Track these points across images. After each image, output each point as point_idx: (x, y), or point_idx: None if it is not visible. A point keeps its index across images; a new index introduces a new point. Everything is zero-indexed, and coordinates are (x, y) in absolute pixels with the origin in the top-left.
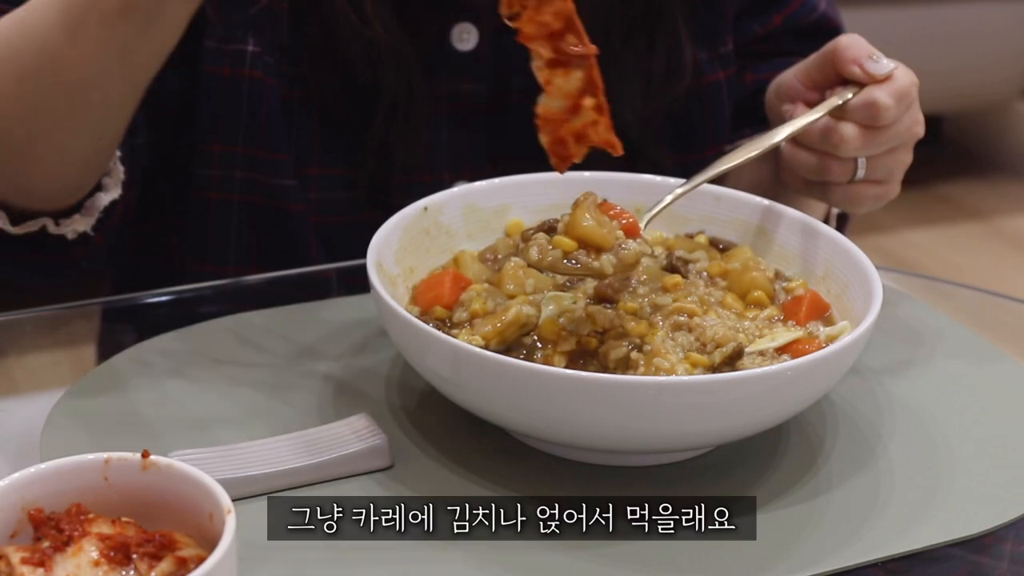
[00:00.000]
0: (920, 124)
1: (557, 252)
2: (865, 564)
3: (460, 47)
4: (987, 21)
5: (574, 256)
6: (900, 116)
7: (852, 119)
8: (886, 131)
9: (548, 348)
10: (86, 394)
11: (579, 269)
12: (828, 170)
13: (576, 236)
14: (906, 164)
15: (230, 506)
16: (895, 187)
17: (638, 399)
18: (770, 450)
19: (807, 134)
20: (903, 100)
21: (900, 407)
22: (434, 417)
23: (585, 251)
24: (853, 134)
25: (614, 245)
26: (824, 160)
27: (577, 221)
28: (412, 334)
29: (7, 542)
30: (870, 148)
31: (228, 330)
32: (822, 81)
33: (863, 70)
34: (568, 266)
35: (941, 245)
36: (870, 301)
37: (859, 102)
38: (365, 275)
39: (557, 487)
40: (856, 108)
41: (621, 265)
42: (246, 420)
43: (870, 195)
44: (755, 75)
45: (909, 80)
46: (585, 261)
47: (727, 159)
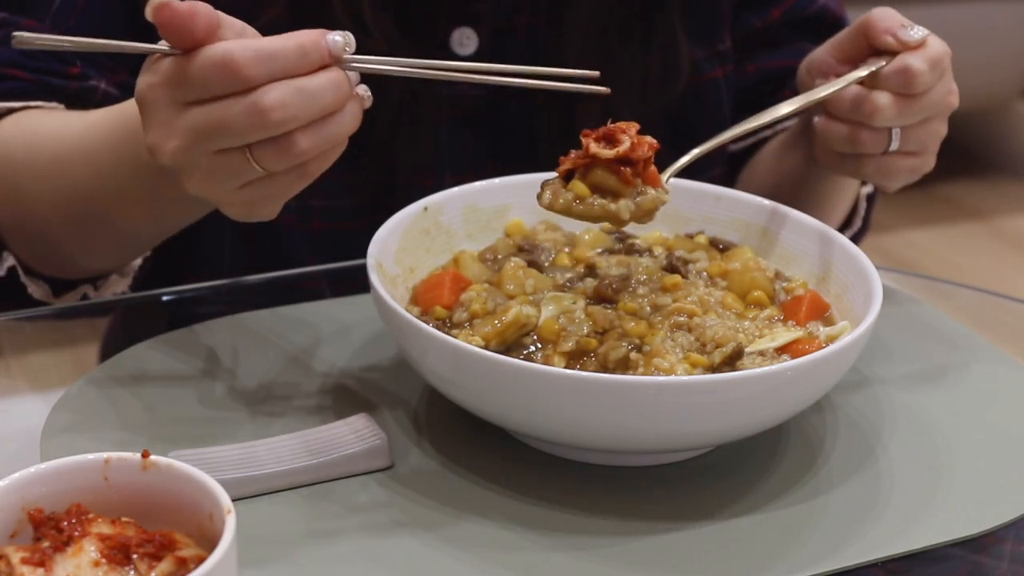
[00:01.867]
0: (954, 94)
1: (569, 195)
2: (865, 564)
3: (460, 51)
4: (987, 21)
5: (591, 200)
6: (934, 84)
7: (886, 87)
8: (920, 99)
9: (548, 348)
10: (86, 394)
11: (595, 211)
12: (861, 141)
13: (591, 182)
14: (941, 135)
15: (230, 506)
16: (930, 159)
17: (638, 399)
18: (770, 450)
19: (839, 104)
20: (936, 67)
21: (900, 407)
22: (434, 417)
23: (601, 195)
24: (887, 102)
25: (631, 192)
26: (857, 131)
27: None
28: (412, 334)
29: (7, 542)
30: (904, 117)
31: (228, 330)
32: (855, 54)
33: (896, 38)
34: (581, 208)
35: (941, 245)
36: (870, 301)
37: (892, 69)
38: (365, 276)
39: (557, 487)
40: (890, 75)
41: (639, 211)
42: (246, 420)
43: (904, 167)
44: (757, 65)
45: (942, 48)
46: (601, 203)
47: (753, 118)
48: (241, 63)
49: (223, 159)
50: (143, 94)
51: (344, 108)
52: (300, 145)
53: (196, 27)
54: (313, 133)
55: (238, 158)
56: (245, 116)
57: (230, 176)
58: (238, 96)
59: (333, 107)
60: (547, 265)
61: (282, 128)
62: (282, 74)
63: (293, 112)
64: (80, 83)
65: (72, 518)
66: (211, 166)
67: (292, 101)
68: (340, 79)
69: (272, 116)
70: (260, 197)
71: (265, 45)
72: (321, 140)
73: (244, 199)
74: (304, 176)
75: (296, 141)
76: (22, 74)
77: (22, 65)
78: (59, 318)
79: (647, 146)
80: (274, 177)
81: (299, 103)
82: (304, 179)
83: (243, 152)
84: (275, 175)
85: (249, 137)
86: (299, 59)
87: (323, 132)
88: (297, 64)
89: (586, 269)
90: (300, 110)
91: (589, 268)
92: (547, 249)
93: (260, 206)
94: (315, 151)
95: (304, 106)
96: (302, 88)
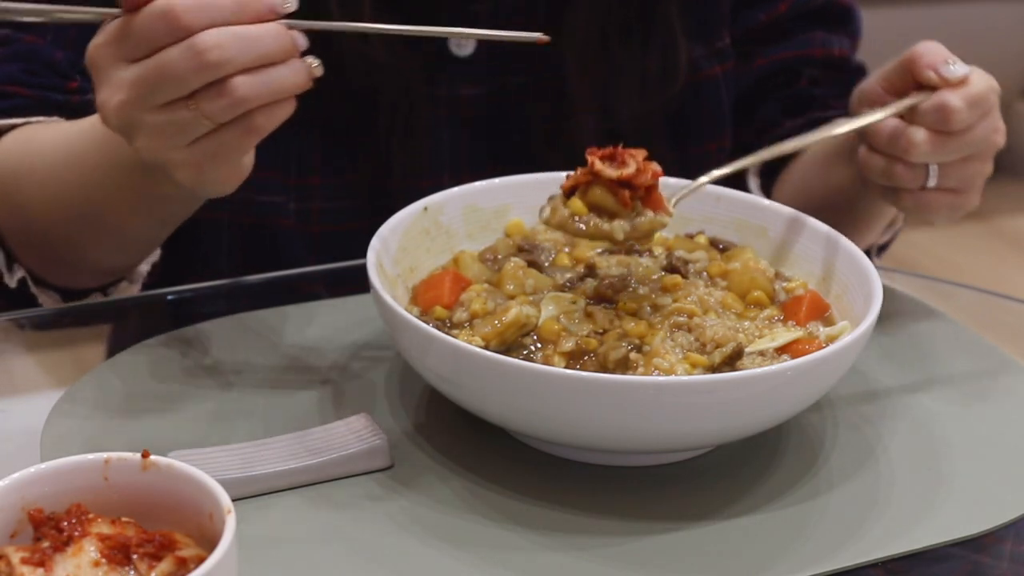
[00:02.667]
0: (1000, 132)
1: (566, 211)
2: (865, 564)
3: (458, 53)
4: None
5: (586, 218)
6: (973, 122)
7: (922, 123)
8: (958, 137)
9: (548, 348)
10: (86, 394)
11: (587, 231)
12: (897, 175)
13: (590, 200)
14: (985, 174)
15: (230, 506)
16: (972, 197)
17: (638, 399)
18: (770, 450)
19: (877, 137)
20: (977, 106)
21: (900, 407)
22: (434, 417)
23: (597, 215)
24: (922, 138)
25: (628, 213)
26: (893, 164)
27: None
28: (412, 334)
29: (7, 542)
30: (940, 154)
31: (228, 330)
32: (901, 87)
33: (937, 73)
34: (576, 226)
35: (941, 245)
36: (870, 301)
37: (930, 105)
38: (365, 276)
39: (557, 487)
40: (926, 112)
41: (635, 232)
42: (246, 420)
43: (943, 204)
44: (767, 58)
45: (987, 86)
46: (596, 223)
47: (777, 147)
48: (179, 11)
49: (168, 113)
50: (91, 55)
51: (288, 62)
52: (240, 90)
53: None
54: (253, 79)
55: (182, 110)
56: (183, 60)
57: (176, 131)
58: (176, 45)
59: (273, 55)
60: (547, 265)
61: (221, 71)
62: (221, 22)
63: (231, 53)
64: (80, 96)
65: (72, 518)
66: (156, 122)
67: (229, 43)
68: (280, 30)
69: (209, 56)
70: (209, 156)
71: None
72: (262, 87)
73: (193, 158)
74: (250, 131)
75: (236, 85)
76: (23, 91)
77: (23, 82)
78: (59, 318)
79: (651, 173)
80: (220, 131)
81: (236, 44)
82: (251, 134)
83: (186, 103)
84: (221, 129)
85: (190, 82)
86: (238, 8)
87: (264, 79)
88: (235, 14)
89: (586, 269)
90: (238, 51)
91: (589, 268)
92: (547, 249)
93: (210, 167)
94: (257, 99)
95: (242, 48)
96: (239, 32)
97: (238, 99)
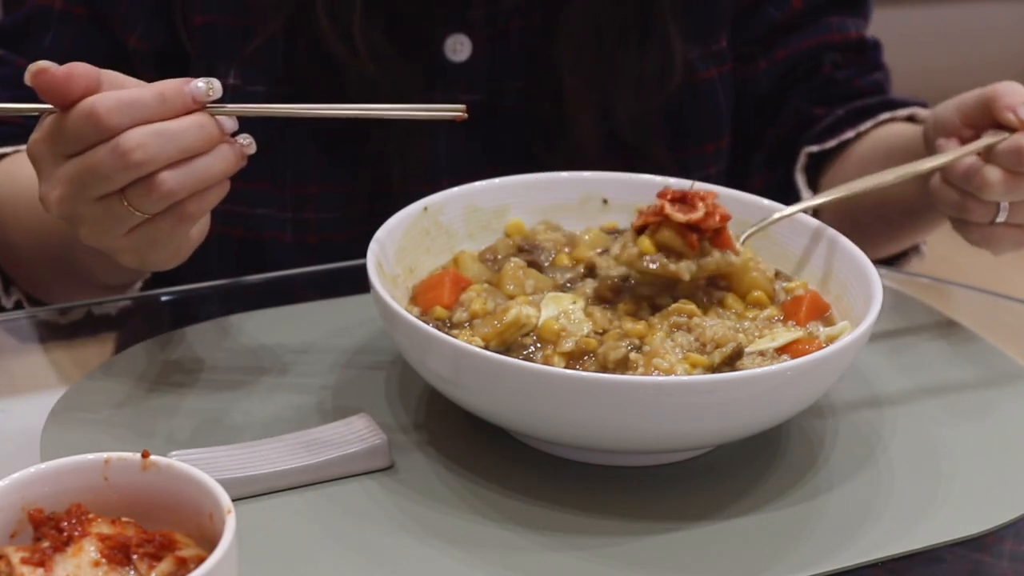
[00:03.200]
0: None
1: (635, 249)
2: (865, 564)
3: (454, 59)
4: (987, 21)
5: (654, 258)
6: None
7: (998, 163)
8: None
9: (548, 348)
10: (86, 394)
11: (655, 270)
12: (969, 210)
13: (658, 240)
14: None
15: (230, 506)
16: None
17: (638, 399)
18: (770, 450)
19: (952, 172)
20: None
21: (900, 407)
22: (434, 417)
23: (666, 254)
24: (997, 178)
25: (695, 254)
26: (966, 199)
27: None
28: (412, 334)
29: (7, 542)
30: (1013, 194)
31: (228, 330)
32: (979, 122)
33: (1016, 115)
34: (644, 265)
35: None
36: (870, 301)
37: (1007, 147)
38: (365, 276)
39: (557, 487)
40: (1003, 153)
41: (702, 272)
42: (246, 420)
43: (1010, 238)
44: (787, 50)
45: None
46: (664, 263)
47: (858, 183)
48: (103, 112)
49: (103, 206)
50: (31, 150)
51: (214, 150)
52: (166, 184)
53: (72, 89)
54: (179, 172)
55: (115, 203)
56: (109, 160)
57: (113, 222)
58: (103, 144)
59: (198, 148)
60: (547, 265)
61: (145, 168)
62: (143, 120)
63: (153, 151)
64: None
65: (72, 518)
66: (94, 214)
67: (151, 141)
68: (204, 121)
69: (133, 156)
70: (146, 242)
71: (125, 95)
72: (188, 179)
73: (132, 245)
74: (183, 218)
75: (162, 180)
76: (13, 118)
77: None
78: (59, 318)
79: (720, 216)
80: (155, 221)
81: (159, 143)
82: (184, 221)
83: (119, 197)
84: (155, 219)
85: (117, 180)
86: (159, 105)
87: (189, 171)
88: (158, 110)
89: (586, 269)
90: (160, 149)
91: (589, 268)
92: (547, 249)
93: (149, 252)
94: (184, 191)
95: (164, 145)
96: (162, 130)
97: (166, 193)
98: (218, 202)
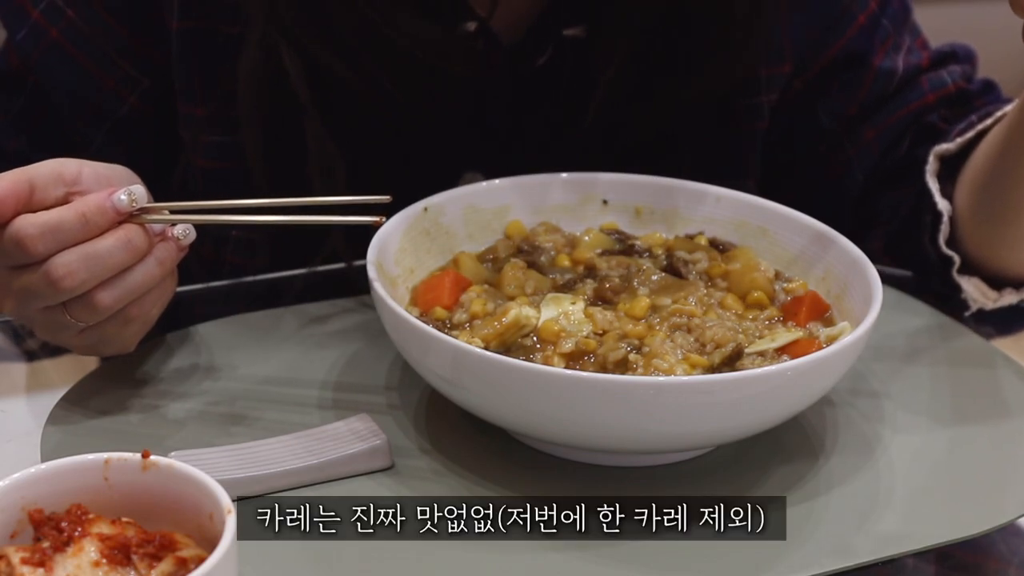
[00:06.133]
0: None
1: None
2: (865, 564)
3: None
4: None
5: None
6: None
7: None
8: None
9: (547, 349)
10: (86, 394)
11: None
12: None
13: None
14: None
15: (230, 506)
16: None
17: (638, 399)
18: (770, 450)
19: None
20: None
21: (900, 407)
22: (434, 417)
23: None
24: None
25: None
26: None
27: None
28: (412, 335)
29: (7, 542)
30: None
31: (228, 331)
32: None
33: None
34: None
35: None
36: (870, 302)
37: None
38: (365, 276)
39: (557, 487)
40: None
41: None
42: (246, 420)
43: None
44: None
45: None
46: None
47: None
48: (28, 241)
49: (49, 314)
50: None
51: (145, 258)
52: (103, 302)
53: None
54: (113, 288)
55: (59, 315)
56: (42, 285)
57: (60, 328)
58: (37, 266)
59: (128, 262)
60: (547, 266)
61: (78, 291)
62: (70, 242)
63: (82, 277)
64: None
65: (72, 518)
66: (43, 320)
67: (79, 267)
68: (130, 235)
69: (63, 284)
70: (98, 342)
71: (49, 219)
72: (123, 293)
73: (84, 343)
74: (128, 321)
75: (99, 299)
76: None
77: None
78: None
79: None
80: (100, 326)
81: (87, 267)
82: (132, 322)
83: (61, 310)
84: (99, 325)
85: (54, 301)
86: (83, 227)
87: (124, 287)
88: (82, 231)
89: (586, 270)
90: (90, 273)
91: (589, 269)
92: (547, 250)
93: (102, 347)
94: (122, 303)
95: (93, 268)
96: (90, 253)
97: (103, 309)
98: (168, 299)
